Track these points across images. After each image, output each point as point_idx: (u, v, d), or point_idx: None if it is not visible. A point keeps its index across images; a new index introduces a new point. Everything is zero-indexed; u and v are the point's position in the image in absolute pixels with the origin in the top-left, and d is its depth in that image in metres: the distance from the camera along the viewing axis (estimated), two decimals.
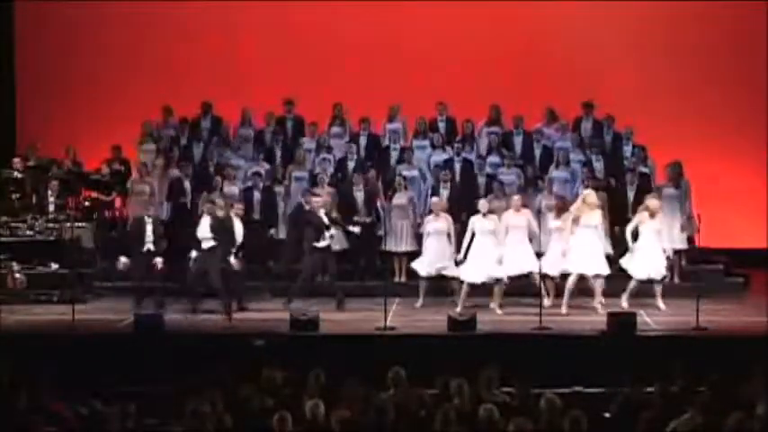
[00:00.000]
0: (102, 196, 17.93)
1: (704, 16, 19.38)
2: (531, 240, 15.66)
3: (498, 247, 15.53)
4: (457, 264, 15.69)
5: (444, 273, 15.81)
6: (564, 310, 15.25)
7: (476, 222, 15.56)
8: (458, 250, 15.75)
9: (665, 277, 15.71)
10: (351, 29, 19.69)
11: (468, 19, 19.50)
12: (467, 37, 19.54)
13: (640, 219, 15.55)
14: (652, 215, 15.48)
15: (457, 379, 9.70)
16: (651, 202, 15.66)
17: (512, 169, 17.56)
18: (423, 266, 15.90)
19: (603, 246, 15.91)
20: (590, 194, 15.57)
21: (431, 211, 16.09)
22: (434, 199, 16.28)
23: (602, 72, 19.25)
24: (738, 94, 19.26)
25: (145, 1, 19.56)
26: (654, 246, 15.47)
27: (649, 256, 15.44)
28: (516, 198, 15.82)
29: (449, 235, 15.86)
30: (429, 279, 15.94)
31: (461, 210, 16.50)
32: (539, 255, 15.51)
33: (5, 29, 20.08)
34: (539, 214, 16.42)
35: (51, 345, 13.66)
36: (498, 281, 15.49)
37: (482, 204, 15.70)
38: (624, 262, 15.54)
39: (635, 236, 15.58)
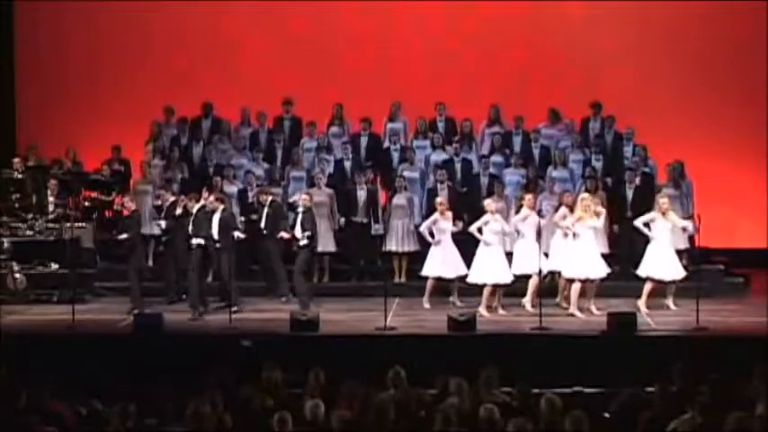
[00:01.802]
0: (102, 196, 17.93)
1: (705, 16, 19.40)
2: None
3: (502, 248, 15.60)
4: None
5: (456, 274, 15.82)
6: (577, 312, 15.23)
7: (489, 221, 15.49)
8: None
9: (684, 277, 15.74)
10: (350, 29, 19.70)
11: (468, 19, 19.51)
12: (467, 37, 19.55)
13: (652, 216, 15.53)
14: (663, 213, 15.46)
15: (457, 379, 9.70)
16: (660, 200, 15.67)
17: (518, 169, 17.55)
18: (443, 268, 15.84)
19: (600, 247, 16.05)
20: (587, 198, 15.53)
21: (434, 210, 16.01)
22: (441, 198, 16.23)
23: (603, 72, 19.26)
24: (739, 94, 19.27)
25: (145, 1, 19.57)
26: (668, 245, 15.47)
27: (667, 257, 15.43)
28: (488, 202, 15.72)
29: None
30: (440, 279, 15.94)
31: (461, 210, 16.50)
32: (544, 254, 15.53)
33: (5, 29, 20.08)
34: (539, 214, 16.45)
35: (51, 345, 13.66)
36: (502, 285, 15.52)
37: (489, 204, 15.65)
38: (642, 270, 15.50)
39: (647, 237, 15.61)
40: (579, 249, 15.25)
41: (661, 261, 15.40)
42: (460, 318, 14.26)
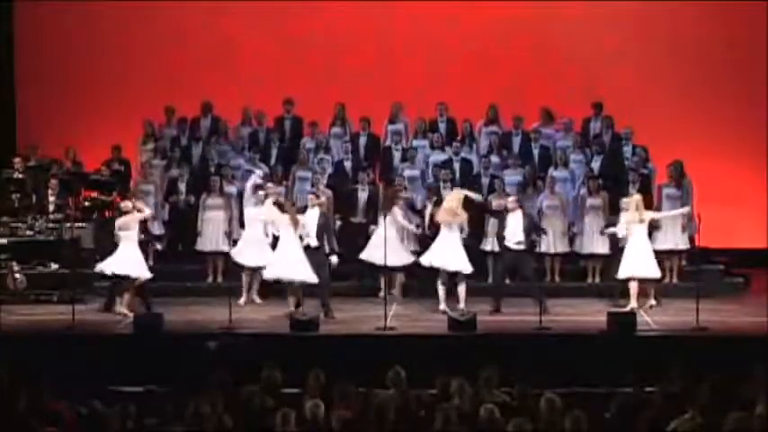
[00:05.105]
0: (102, 196, 17.92)
1: (705, 16, 19.40)
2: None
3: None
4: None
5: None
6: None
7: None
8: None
9: (659, 278, 15.71)
10: (351, 29, 19.69)
11: (468, 19, 19.51)
12: (467, 37, 19.54)
13: (625, 218, 15.55)
14: (636, 211, 15.49)
15: (457, 379, 9.70)
16: (624, 200, 15.72)
17: (516, 170, 17.55)
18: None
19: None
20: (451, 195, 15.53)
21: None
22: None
23: (603, 72, 19.25)
24: (738, 94, 19.26)
25: (145, 1, 19.58)
26: (644, 243, 15.45)
27: (643, 255, 15.42)
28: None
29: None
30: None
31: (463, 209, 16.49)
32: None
33: (5, 29, 20.08)
34: (539, 214, 16.47)
35: (51, 345, 13.66)
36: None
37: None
38: (622, 272, 15.49)
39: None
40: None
41: (637, 259, 15.38)
42: (460, 318, 14.27)
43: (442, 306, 15.24)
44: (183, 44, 19.80)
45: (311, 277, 14.90)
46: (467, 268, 15.30)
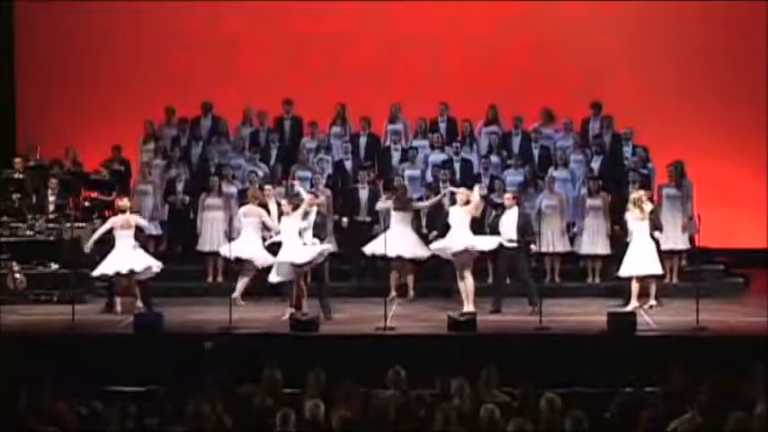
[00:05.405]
0: (102, 196, 17.93)
1: (705, 17, 19.39)
2: None
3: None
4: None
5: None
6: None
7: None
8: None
9: (660, 275, 15.68)
10: (351, 29, 19.70)
11: (468, 19, 19.51)
12: (467, 37, 19.55)
13: (626, 217, 15.53)
14: (637, 208, 15.43)
15: (457, 379, 9.70)
16: (632, 195, 15.70)
17: (517, 170, 17.55)
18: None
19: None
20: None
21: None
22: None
23: (603, 72, 19.25)
24: (738, 94, 19.27)
25: (145, 1, 19.58)
26: (646, 240, 15.43)
27: (643, 252, 15.39)
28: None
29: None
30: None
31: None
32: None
33: (5, 29, 20.09)
34: (539, 214, 16.46)
35: (51, 345, 13.66)
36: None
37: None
38: (624, 271, 15.47)
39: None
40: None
41: (637, 257, 15.37)
42: (460, 318, 14.26)
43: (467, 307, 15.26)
44: (183, 44, 19.82)
45: (325, 247, 15.01)
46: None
